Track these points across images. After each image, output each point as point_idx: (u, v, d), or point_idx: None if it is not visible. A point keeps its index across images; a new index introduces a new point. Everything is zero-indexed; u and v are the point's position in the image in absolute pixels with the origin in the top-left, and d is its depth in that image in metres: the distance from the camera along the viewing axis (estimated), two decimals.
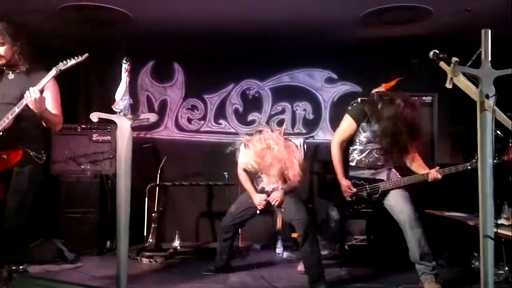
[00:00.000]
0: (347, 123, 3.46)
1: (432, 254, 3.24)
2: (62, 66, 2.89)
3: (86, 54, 2.88)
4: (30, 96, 2.82)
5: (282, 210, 3.58)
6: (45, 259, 3.94)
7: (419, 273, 3.24)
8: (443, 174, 3.33)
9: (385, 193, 3.38)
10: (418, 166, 3.43)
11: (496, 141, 2.02)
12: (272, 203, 3.54)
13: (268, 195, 3.58)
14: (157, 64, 5.48)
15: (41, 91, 2.87)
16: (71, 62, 2.89)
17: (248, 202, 3.64)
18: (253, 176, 3.70)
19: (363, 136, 3.42)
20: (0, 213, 2.95)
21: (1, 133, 2.88)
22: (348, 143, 3.50)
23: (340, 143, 3.46)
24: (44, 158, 3.11)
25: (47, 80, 2.90)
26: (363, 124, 3.41)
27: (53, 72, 2.89)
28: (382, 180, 3.40)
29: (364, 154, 3.44)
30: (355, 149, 3.48)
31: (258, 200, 3.59)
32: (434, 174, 3.32)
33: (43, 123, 3.08)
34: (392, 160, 3.48)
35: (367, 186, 3.40)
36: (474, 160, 3.25)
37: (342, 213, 3.51)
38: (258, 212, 3.62)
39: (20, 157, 2.95)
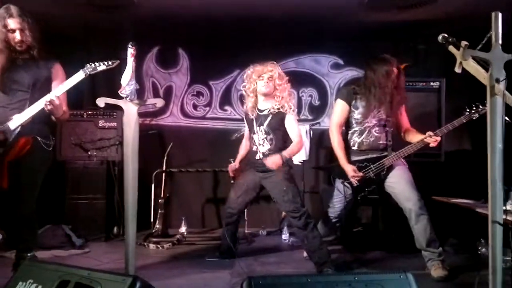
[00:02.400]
0: (339, 106, 3.51)
1: (438, 241, 3.25)
2: (90, 69, 2.87)
3: (117, 61, 2.88)
4: (51, 104, 2.82)
5: (274, 200, 3.52)
6: (53, 244, 3.99)
7: (425, 259, 3.25)
8: (441, 133, 3.29)
9: (390, 173, 3.37)
10: (414, 134, 3.43)
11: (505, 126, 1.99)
12: (268, 166, 3.39)
13: (261, 166, 3.48)
14: (162, 50, 5.45)
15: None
16: (101, 67, 2.88)
17: (245, 185, 3.61)
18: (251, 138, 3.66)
19: (357, 114, 3.45)
20: (9, 201, 2.97)
21: (19, 129, 2.87)
22: (346, 128, 3.52)
23: (337, 128, 3.49)
24: (52, 144, 3.12)
25: (73, 84, 2.88)
26: (354, 102, 3.46)
27: (80, 75, 2.87)
28: (385, 156, 3.39)
29: (363, 135, 3.44)
30: (354, 132, 3.48)
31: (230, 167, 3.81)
32: (431, 137, 3.27)
33: (52, 117, 3.08)
34: (391, 138, 3.47)
35: (371, 165, 3.39)
36: (467, 112, 3.25)
37: (352, 188, 3.46)
38: (232, 181, 3.63)
39: (30, 144, 2.94)
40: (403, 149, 3.38)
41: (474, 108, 3.23)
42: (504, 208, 2.01)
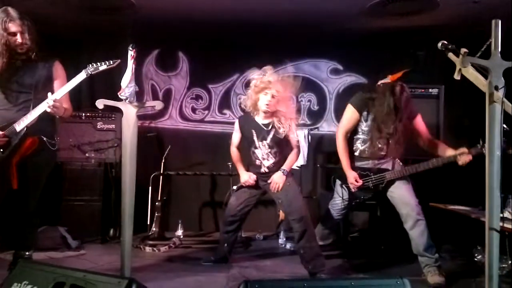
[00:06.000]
0: (350, 113, 3.46)
1: (435, 247, 3.25)
2: (92, 69, 2.89)
3: (118, 60, 2.90)
4: (53, 107, 2.84)
5: (280, 201, 3.51)
6: (49, 246, 3.97)
7: (422, 265, 3.26)
8: (475, 153, 3.16)
9: (390, 183, 3.37)
10: (442, 149, 3.35)
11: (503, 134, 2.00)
12: (273, 188, 3.43)
13: (265, 175, 3.49)
14: (161, 53, 5.45)
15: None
16: (102, 67, 2.89)
17: (247, 192, 3.59)
18: (248, 152, 3.57)
19: (365, 126, 3.43)
20: (11, 200, 2.98)
21: (25, 130, 2.89)
22: (352, 133, 3.50)
23: (344, 134, 3.47)
24: (57, 143, 3.15)
25: (75, 84, 2.90)
26: (365, 113, 3.41)
27: (82, 75, 2.89)
28: (388, 170, 3.39)
29: (367, 144, 3.43)
30: (358, 139, 3.48)
31: (246, 177, 3.54)
32: (464, 156, 3.18)
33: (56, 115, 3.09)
34: (396, 149, 3.43)
35: (372, 176, 3.39)
36: (479, 145, 3.13)
37: (349, 193, 3.47)
38: (235, 187, 3.53)
39: (36, 144, 2.97)
40: (407, 167, 3.38)
41: None
42: (501, 215, 2.01)
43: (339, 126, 3.56)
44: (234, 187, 3.58)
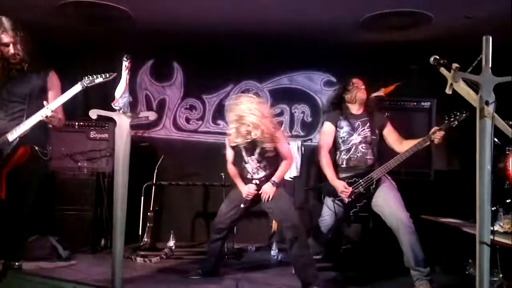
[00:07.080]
0: (325, 128, 3.63)
1: (426, 260, 3.25)
2: (88, 82, 2.91)
3: (114, 74, 2.91)
4: (52, 117, 2.86)
5: (270, 210, 3.49)
6: (40, 256, 3.93)
7: (413, 279, 3.25)
8: (445, 128, 3.31)
9: (379, 184, 3.40)
10: (408, 142, 3.43)
11: (494, 148, 2.02)
12: (263, 199, 3.43)
13: (258, 188, 3.48)
14: (156, 63, 5.48)
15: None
16: (98, 79, 2.91)
17: (237, 200, 3.53)
18: (239, 166, 3.58)
19: (342, 132, 3.54)
20: (1, 209, 2.94)
21: (17, 140, 2.87)
22: (334, 149, 3.61)
23: (324, 148, 3.58)
24: (49, 153, 3.13)
25: (70, 96, 2.90)
26: (339, 122, 3.56)
27: (78, 87, 2.90)
28: (373, 170, 3.44)
29: (351, 152, 3.52)
30: (342, 151, 3.57)
31: (246, 190, 3.49)
32: (436, 133, 3.29)
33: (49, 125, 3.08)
34: (379, 155, 3.52)
35: (360, 180, 3.41)
36: (446, 121, 3.32)
37: (344, 206, 3.48)
38: (242, 205, 3.46)
39: (28, 154, 2.94)
40: (390, 161, 3.40)
41: (453, 116, 3.30)
42: (491, 228, 2.02)
43: (318, 145, 3.67)
44: (242, 205, 3.50)
